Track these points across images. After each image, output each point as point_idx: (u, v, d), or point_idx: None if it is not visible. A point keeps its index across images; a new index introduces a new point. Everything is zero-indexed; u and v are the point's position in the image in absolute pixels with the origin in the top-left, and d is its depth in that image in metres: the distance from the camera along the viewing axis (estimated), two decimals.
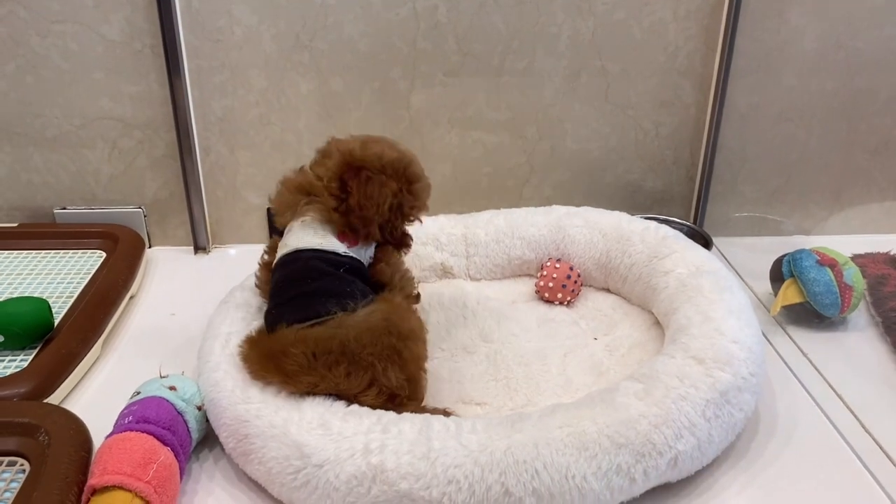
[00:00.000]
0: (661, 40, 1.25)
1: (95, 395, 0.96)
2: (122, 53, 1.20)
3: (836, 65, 1.28)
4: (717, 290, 0.96)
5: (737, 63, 1.26)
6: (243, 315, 0.94)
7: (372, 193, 0.87)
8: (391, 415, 0.77)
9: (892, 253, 1.26)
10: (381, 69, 1.24)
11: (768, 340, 1.07)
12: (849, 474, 0.84)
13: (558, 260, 1.15)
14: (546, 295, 1.13)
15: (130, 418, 0.77)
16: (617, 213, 1.19)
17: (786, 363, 1.03)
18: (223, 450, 0.83)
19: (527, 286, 1.17)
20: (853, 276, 1.07)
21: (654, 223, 1.15)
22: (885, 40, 1.27)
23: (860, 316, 1.13)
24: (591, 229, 1.16)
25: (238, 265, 1.30)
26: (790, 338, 1.09)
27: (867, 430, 0.90)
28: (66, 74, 1.21)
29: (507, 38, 1.24)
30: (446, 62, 1.25)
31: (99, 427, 0.80)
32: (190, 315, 1.11)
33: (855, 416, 0.93)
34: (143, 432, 0.76)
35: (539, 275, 1.15)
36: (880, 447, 0.88)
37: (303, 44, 1.22)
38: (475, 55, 1.24)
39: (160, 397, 0.81)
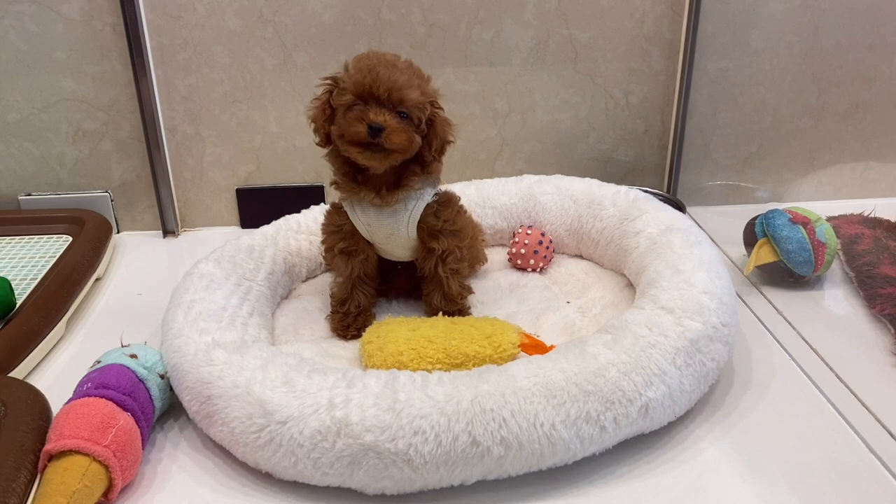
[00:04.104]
0: (627, 6, 1.24)
1: (60, 372, 0.94)
2: (83, 33, 1.18)
3: (803, 26, 1.28)
4: (687, 245, 0.95)
5: (704, 27, 1.25)
6: (206, 284, 0.92)
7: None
8: (356, 371, 0.75)
9: (865, 213, 1.25)
10: (347, 42, 1.23)
11: (743, 301, 1.06)
12: (825, 424, 0.83)
13: (530, 227, 1.14)
14: (518, 262, 1.12)
15: (89, 385, 0.76)
16: (588, 179, 1.18)
17: (760, 321, 1.02)
18: (188, 418, 0.82)
19: (500, 255, 1.16)
20: (825, 232, 1.07)
21: (624, 187, 1.14)
22: None
23: (834, 275, 1.13)
24: (562, 196, 1.15)
25: (207, 248, 1.28)
26: (765, 297, 1.08)
27: (842, 380, 0.89)
28: (25, 56, 1.19)
29: (473, 8, 1.22)
30: (412, 34, 1.23)
31: (63, 402, 0.77)
32: (157, 295, 1.08)
33: (830, 368, 0.92)
34: (102, 397, 0.74)
35: (511, 242, 1.14)
36: (855, 396, 0.87)
37: (266, 18, 1.20)
38: (441, 26, 1.23)
39: (121, 364, 0.79)
